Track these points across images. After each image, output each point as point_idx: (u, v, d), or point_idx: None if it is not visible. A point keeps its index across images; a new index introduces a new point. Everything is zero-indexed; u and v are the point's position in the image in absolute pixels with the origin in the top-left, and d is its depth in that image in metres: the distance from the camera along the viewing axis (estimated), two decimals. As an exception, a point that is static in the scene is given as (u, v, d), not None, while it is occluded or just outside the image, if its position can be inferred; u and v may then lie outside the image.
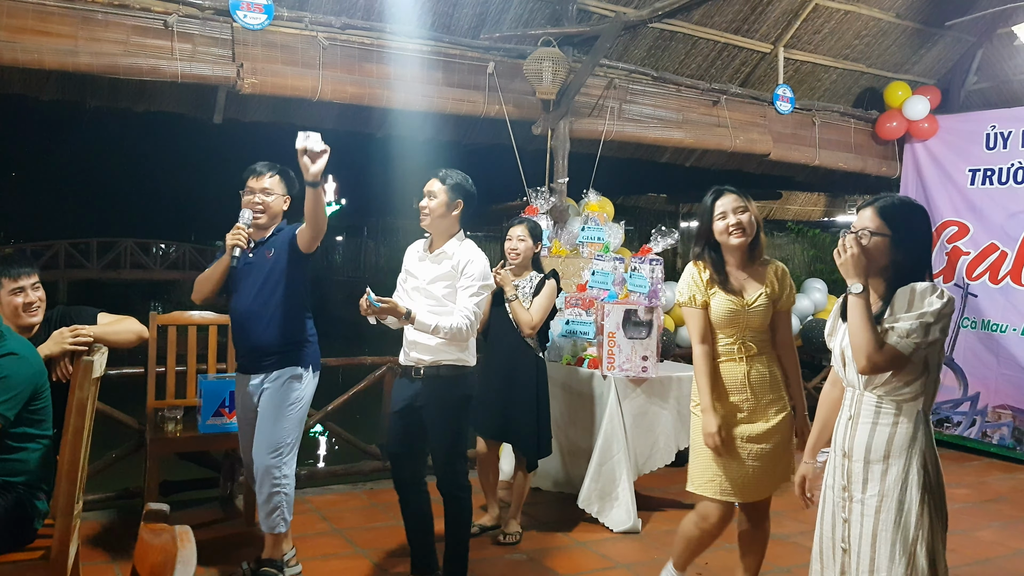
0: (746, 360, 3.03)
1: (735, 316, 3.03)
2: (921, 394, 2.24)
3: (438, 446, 3.38)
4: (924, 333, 2.15)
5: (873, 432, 2.26)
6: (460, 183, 3.35)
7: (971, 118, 6.93)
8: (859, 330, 2.20)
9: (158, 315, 4.44)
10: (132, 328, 3.25)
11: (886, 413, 2.26)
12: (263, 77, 4.81)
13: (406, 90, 5.24)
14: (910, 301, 2.20)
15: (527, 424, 4.10)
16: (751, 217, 3.00)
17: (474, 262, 3.31)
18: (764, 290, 3.04)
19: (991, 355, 6.49)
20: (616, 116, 6.06)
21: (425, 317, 3.20)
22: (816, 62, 6.94)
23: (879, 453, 2.25)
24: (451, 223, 3.36)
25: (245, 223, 3.40)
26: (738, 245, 3.01)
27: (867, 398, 2.30)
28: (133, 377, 4.50)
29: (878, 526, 2.23)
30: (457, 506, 3.43)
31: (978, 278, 6.66)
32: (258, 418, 3.42)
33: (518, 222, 4.22)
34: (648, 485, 4.88)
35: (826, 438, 2.53)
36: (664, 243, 4.75)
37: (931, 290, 2.18)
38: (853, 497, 2.31)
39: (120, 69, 4.53)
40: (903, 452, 2.22)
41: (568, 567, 3.92)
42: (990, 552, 4.33)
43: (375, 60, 5.15)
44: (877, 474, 2.25)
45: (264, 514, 3.42)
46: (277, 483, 3.37)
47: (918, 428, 2.23)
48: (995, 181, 6.63)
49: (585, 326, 4.74)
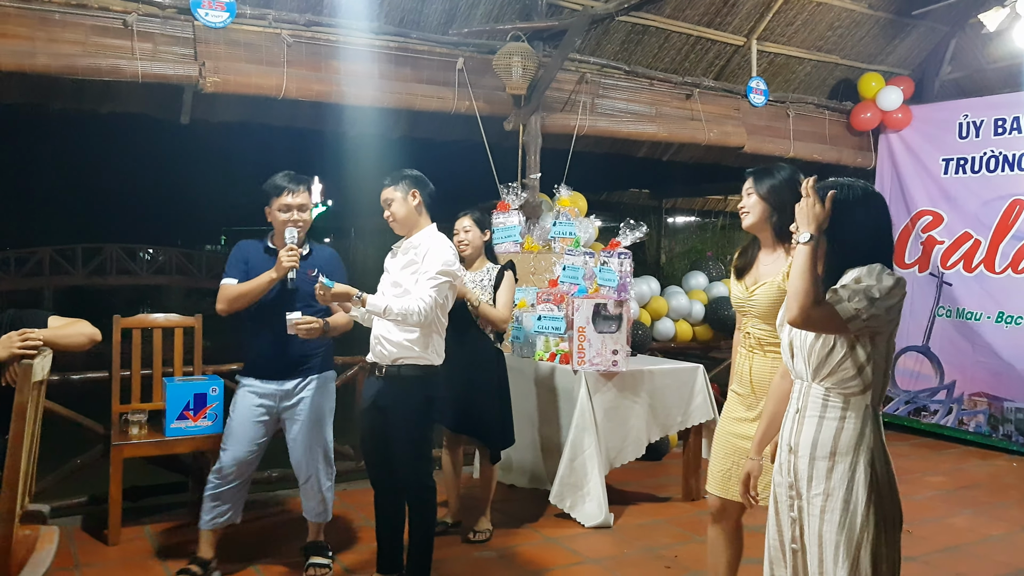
0: (750, 353, 2.90)
1: (739, 304, 2.94)
2: (869, 388, 2.13)
3: (400, 446, 3.34)
4: (868, 303, 2.02)
5: (820, 427, 2.17)
6: (406, 175, 3.38)
7: (944, 108, 6.94)
8: (800, 277, 2.06)
9: (121, 318, 4.39)
10: (84, 331, 3.19)
11: (833, 407, 2.16)
12: (226, 76, 4.76)
13: (374, 87, 5.19)
14: (857, 278, 2.09)
15: (489, 415, 4.08)
16: (756, 200, 2.83)
17: (436, 251, 3.29)
18: (775, 279, 2.81)
19: (966, 343, 6.50)
20: (589, 111, 6.03)
21: (376, 299, 3.19)
22: (789, 54, 6.93)
23: (825, 449, 2.15)
24: (416, 216, 3.38)
25: (294, 242, 3.46)
26: (745, 228, 2.90)
27: (814, 391, 2.19)
28: (100, 381, 4.45)
29: (823, 527, 2.14)
30: (421, 507, 3.40)
31: (952, 267, 6.66)
32: (304, 421, 3.61)
33: (463, 214, 4.19)
34: (621, 479, 4.86)
35: (773, 433, 2.46)
36: (633, 236, 4.72)
37: (881, 269, 2.09)
38: (801, 495, 2.21)
39: (79, 70, 4.47)
40: (850, 450, 2.12)
41: (537, 564, 3.89)
42: (962, 538, 4.33)
43: (341, 57, 5.09)
44: (823, 472, 2.15)
45: (318, 508, 3.71)
46: (326, 477, 3.70)
47: (866, 424, 2.13)
48: (968, 170, 6.64)
49: (556, 321, 4.71)
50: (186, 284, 28.17)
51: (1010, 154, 6.37)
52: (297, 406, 3.62)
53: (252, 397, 3.60)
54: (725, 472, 2.93)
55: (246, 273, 3.53)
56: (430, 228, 3.41)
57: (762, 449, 2.53)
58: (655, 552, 4.02)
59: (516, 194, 5.36)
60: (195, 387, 4.11)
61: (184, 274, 28.29)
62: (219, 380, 4.20)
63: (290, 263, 3.39)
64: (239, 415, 3.62)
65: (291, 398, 3.61)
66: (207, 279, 27.45)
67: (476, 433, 4.18)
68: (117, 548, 3.93)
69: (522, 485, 4.98)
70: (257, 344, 3.62)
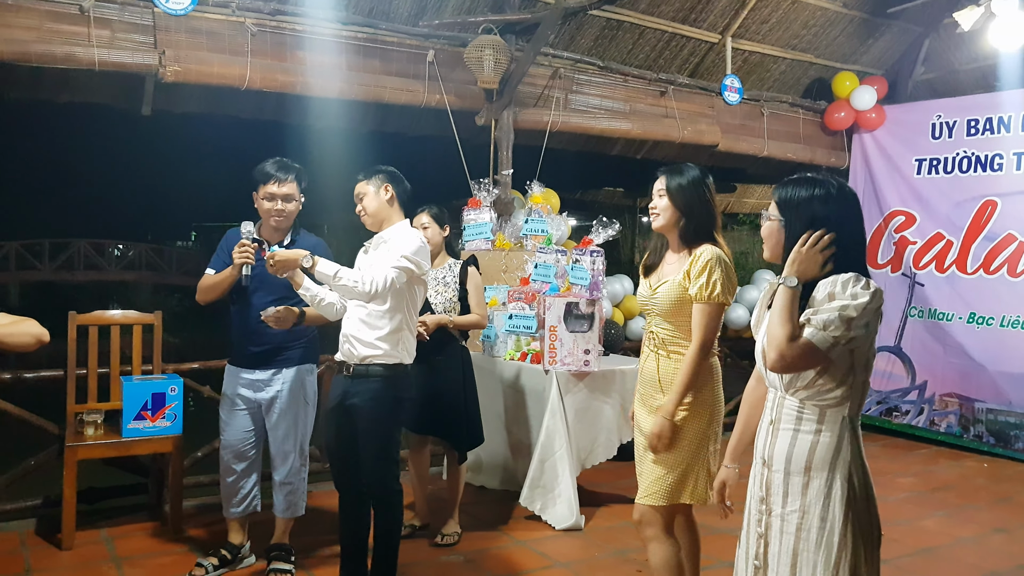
0: (655, 352, 2.87)
1: (643, 302, 2.93)
2: (847, 399, 2.01)
3: (366, 448, 3.24)
4: (845, 327, 1.91)
5: (794, 440, 2.06)
6: (380, 170, 3.31)
7: (917, 108, 6.95)
8: (778, 322, 1.96)
9: (78, 315, 4.25)
10: (30, 331, 3.02)
11: (808, 420, 2.03)
12: (187, 65, 4.62)
13: (342, 79, 5.07)
14: (830, 294, 1.95)
15: (454, 414, 4.01)
16: (667, 203, 2.82)
17: (404, 241, 3.20)
18: (676, 277, 2.78)
19: (938, 344, 6.51)
20: (562, 107, 5.95)
21: (328, 263, 3.09)
22: (764, 52, 6.90)
23: (800, 464, 2.03)
24: (388, 211, 3.31)
25: (250, 237, 3.40)
26: (655, 229, 2.91)
27: (788, 402, 2.07)
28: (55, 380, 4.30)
29: (798, 545, 2.03)
30: (386, 511, 3.29)
31: (924, 267, 6.67)
32: (281, 413, 3.59)
33: (420, 210, 4.10)
34: (592, 480, 4.79)
35: (748, 440, 2.35)
36: (605, 234, 4.65)
37: (855, 281, 1.95)
38: (772, 511, 2.08)
39: (33, 56, 4.32)
40: (825, 464, 2.00)
41: (505, 568, 3.80)
42: (933, 541, 4.30)
43: (308, 48, 4.97)
44: (798, 487, 2.03)
45: (287, 500, 3.66)
46: (300, 470, 3.67)
47: (843, 438, 2.01)
48: (940, 171, 6.65)
49: (528, 320, 4.63)
50: (156, 280, 27.71)
51: (983, 155, 6.38)
52: (275, 397, 3.60)
53: (233, 386, 3.62)
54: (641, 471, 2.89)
55: (226, 264, 3.51)
56: (402, 223, 3.32)
57: (737, 456, 2.43)
58: (626, 556, 3.94)
59: (488, 190, 5.26)
60: (153, 386, 3.99)
61: (154, 270, 27.84)
62: (179, 379, 4.09)
63: (241, 259, 3.35)
64: (224, 403, 3.66)
65: (268, 389, 3.59)
66: (177, 275, 27.07)
67: (441, 433, 4.10)
68: (71, 553, 3.81)
69: (492, 486, 4.89)
70: (236, 334, 3.64)
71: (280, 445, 3.63)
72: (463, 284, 4.04)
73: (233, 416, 3.63)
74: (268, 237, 3.58)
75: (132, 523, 4.23)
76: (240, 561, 3.70)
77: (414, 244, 3.19)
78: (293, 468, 3.65)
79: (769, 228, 2.16)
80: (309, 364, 3.70)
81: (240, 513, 3.69)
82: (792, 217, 2.09)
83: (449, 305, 4.02)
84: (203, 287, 3.55)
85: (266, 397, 3.60)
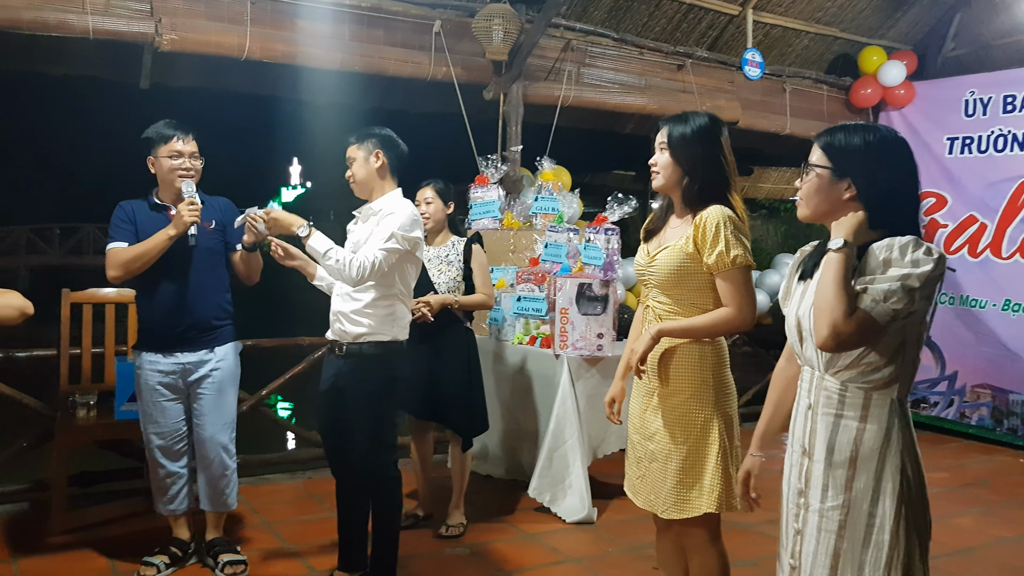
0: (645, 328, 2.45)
1: (640, 271, 2.50)
2: (895, 380, 1.78)
3: (360, 432, 3.06)
4: (908, 298, 1.66)
5: (836, 427, 1.82)
6: (373, 133, 3.09)
7: (949, 84, 6.63)
8: (831, 292, 1.70)
9: (71, 292, 4.10)
10: (13, 303, 2.88)
11: (851, 404, 1.80)
12: (184, 33, 4.44)
13: (343, 49, 4.87)
14: (886, 260, 1.71)
15: (459, 400, 3.82)
16: (669, 157, 2.39)
17: (396, 213, 2.99)
18: (678, 243, 2.36)
19: (969, 332, 6.22)
20: (574, 80, 5.71)
21: (321, 240, 2.91)
22: (787, 26, 6.62)
23: (843, 455, 1.80)
24: (377, 180, 3.10)
25: (193, 195, 3.19)
26: (655, 189, 2.49)
27: (827, 384, 1.84)
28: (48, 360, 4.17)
29: (840, 544, 1.80)
30: (383, 498, 3.12)
31: (956, 252, 6.38)
32: (211, 396, 3.31)
33: (424, 184, 3.91)
34: (604, 471, 4.56)
35: (777, 425, 2.11)
36: (621, 212, 4.41)
37: (914, 245, 1.70)
38: (810, 505, 1.86)
39: (24, 23, 4.16)
40: (874, 456, 1.77)
41: (512, 562, 3.60)
42: (971, 541, 4.04)
43: (308, 16, 4.76)
44: (840, 481, 1.81)
45: (217, 493, 3.38)
46: (231, 458, 3.39)
47: (892, 423, 1.77)
48: (974, 150, 6.34)
49: (537, 302, 4.42)
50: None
51: (1020, 133, 6.05)
52: (203, 380, 3.31)
53: (153, 375, 3.28)
54: (632, 475, 2.56)
55: (135, 235, 3.25)
56: (394, 193, 3.11)
57: (764, 444, 2.18)
58: (640, 551, 3.72)
59: (496, 167, 5.03)
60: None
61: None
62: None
63: (192, 217, 3.12)
64: (145, 398, 3.32)
65: (196, 372, 3.30)
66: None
67: (444, 419, 3.91)
68: (60, 537, 3.67)
69: (499, 475, 4.71)
70: (154, 313, 3.31)
71: (213, 433, 3.32)
72: (467, 263, 3.85)
73: (159, 409, 3.29)
74: (171, 202, 3.27)
75: (126, 508, 4.07)
76: (191, 557, 3.46)
77: (405, 217, 2.99)
78: (225, 456, 3.36)
79: (814, 180, 1.88)
80: (237, 342, 3.44)
81: (175, 510, 3.42)
82: (844, 167, 1.83)
83: (453, 285, 3.82)
84: (123, 260, 3.17)
85: (194, 381, 3.30)
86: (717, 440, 2.36)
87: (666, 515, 2.41)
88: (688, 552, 2.49)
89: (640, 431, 2.51)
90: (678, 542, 2.52)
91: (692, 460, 2.37)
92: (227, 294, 3.41)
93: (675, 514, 2.39)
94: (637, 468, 2.54)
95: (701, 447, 2.37)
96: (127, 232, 3.25)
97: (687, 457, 2.37)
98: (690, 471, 2.37)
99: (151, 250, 3.16)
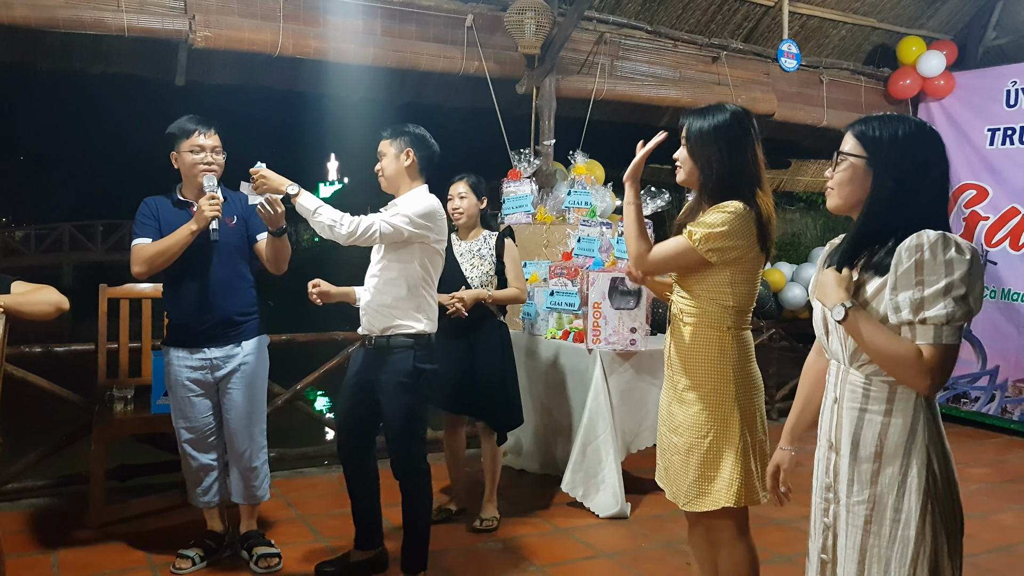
0: (670, 323, 2.48)
1: None
2: None
3: (390, 425, 3.08)
4: (964, 307, 1.63)
5: (860, 422, 1.79)
6: (406, 131, 3.10)
7: (990, 74, 6.48)
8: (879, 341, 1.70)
9: (108, 287, 4.15)
10: (49, 299, 2.92)
11: (876, 398, 1.77)
12: (217, 30, 4.48)
13: (376, 44, 4.88)
14: (917, 262, 1.65)
15: (493, 394, 3.82)
16: (686, 152, 2.37)
17: (414, 201, 3.02)
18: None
19: (1011, 326, 6.08)
20: (607, 74, 5.67)
21: (310, 198, 2.94)
22: (824, 16, 6.50)
23: (868, 450, 1.77)
24: (405, 178, 3.11)
25: (215, 190, 3.18)
26: (679, 183, 2.47)
27: (852, 377, 1.81)
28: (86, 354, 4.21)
29: (867, 540, 1.77)
30: (413, 491, 3.13)
31: (998, 244, 6.24)
32: (242, 391, 3.31)
33: (457, 178, 3.89)
34: (638, 466, 4.53)
35: (808, 419, 2.08)
36: (654, 205, 4.38)
37: (944, 244, 1.64)
38: (838, 499, 1.84)
39: (60, 22, 4.22)
40: (899, 451, 1.74)
41: (545, 557, 3.59)
42: (1013, 537, 3.96)
43: (340, 12, 4.78)
44: (866, 476, 1.78)
45: (248, 486, 3.39)
46: (262, 451, 3.41)
47: (918, 417, 1.74)
48: (1016, 140, 6.19)
49: (570, 297, 4.40)
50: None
51: (1063, 123, 5.92)
52: (232, 375, 3.31)
53: (182, 371, 3.30)
54: (659, 467, 2.57)
55: (159, 231, 3.24)
56: (420, 188, 3.13)
57: (795, 438, 2.15)
58: (675, 547, 3.70)
59: (528, 161, 5.01)
60: (184, 361, 3.84)
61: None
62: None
63: (212, 212, 3.09)
64: (175, 394, 3.35)
65: (224, 367, 3.30)
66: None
67: (478, 413, 3.90)
68: (98, 530, 3.71)
69: (533, 470, 4.70)
70: (180, 309, 3.32)
71: (245, 427, 3.33)
72: (500, 257, 3.84)
73: (189, 404, 3.32)
74: (194, 198, 3.26)
75: (163, 501, 4.12)
76: (225, 550, 3.48)
77: (421, 206, 3.00)
78: (257, 450, 3.38)
79: (847, 170, 1.83)
80: (264, 336, 3.44)
81: (209, 502, 3.43)
82: (879, 157, 1.78)
83: (486, 279, 3.82)
84: (147, 256, 3.16)
85: (223, 376, 3.31)
86: (738, 434, 2.34)
87: (686, 507, 2.43)
88: (716, 546, 2.48)
89: (667, 423, 2.52)
90: (707, 536, 2.51)
91: (712, 454, 2.36)
92: (252, 289, 3.41)
93: (694, 507, 2.40)
94: (662, 460, 2.56)
95: (721, 441, 2.35)
96: (151, 228, 3.26)
97: (707, 451, 2.36)
98: (711, 465, 2.36)
99: (173, 246, 3.16)
